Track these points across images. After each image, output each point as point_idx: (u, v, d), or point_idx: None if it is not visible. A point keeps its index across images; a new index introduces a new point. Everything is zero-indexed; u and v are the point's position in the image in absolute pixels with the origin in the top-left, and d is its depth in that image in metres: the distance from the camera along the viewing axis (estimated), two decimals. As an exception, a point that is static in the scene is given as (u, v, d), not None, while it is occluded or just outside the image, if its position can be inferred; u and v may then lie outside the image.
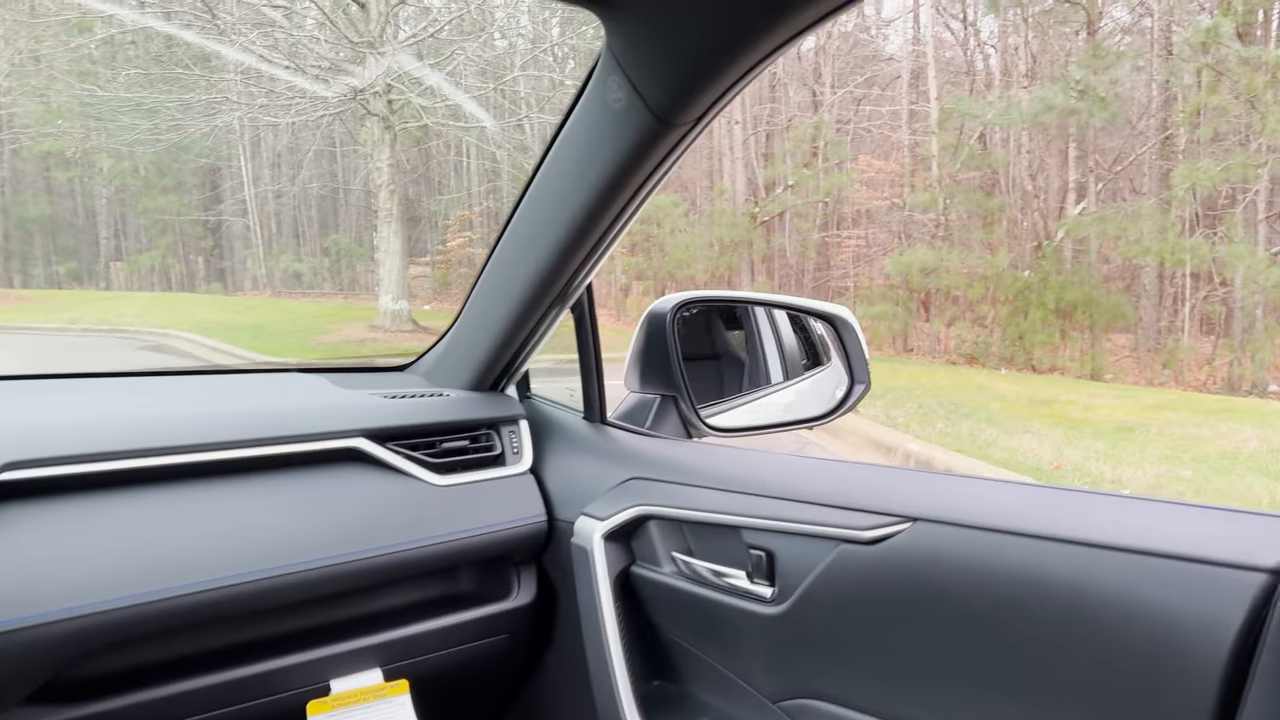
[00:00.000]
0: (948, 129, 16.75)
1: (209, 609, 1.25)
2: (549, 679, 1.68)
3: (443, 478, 1.53)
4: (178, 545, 1.25)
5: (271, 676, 1.34)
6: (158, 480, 1.29)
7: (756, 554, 1.25)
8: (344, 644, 1.41)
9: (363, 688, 1.41)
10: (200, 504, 1.30)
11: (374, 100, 12.20)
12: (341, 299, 19.53)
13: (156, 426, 1.33)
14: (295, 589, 1.32)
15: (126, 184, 19.14)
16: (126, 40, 14.95)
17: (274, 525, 1.33)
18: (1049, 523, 0.97)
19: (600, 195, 1.26)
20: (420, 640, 1.49)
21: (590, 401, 1.64)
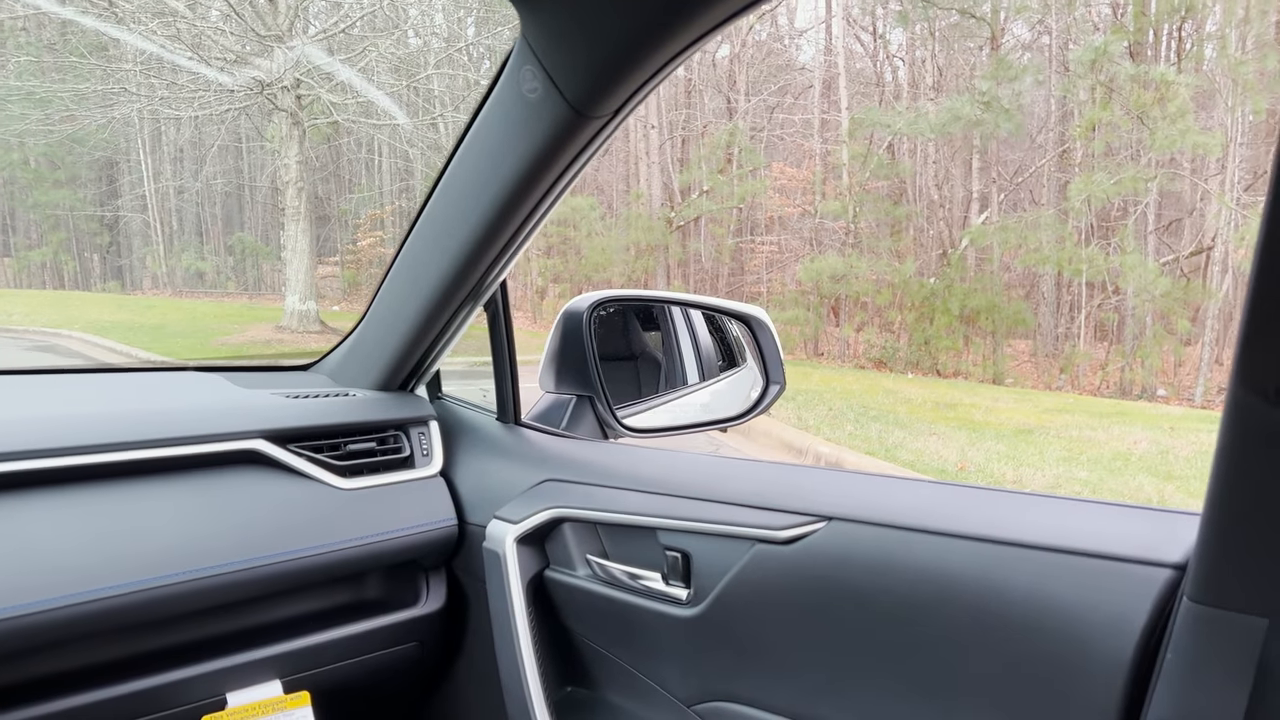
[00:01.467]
0: (858, 138, 17.12)
1: (93, 621, 1.17)
2: (459, 688, 1.64)
3: (348, 481, 1.47)
4: (60, 553, 1.16)
5: (163, 691, 1.27)
6: (39, 484, 1.21)
7: (672, 555, 1.23)
8: (241, 655, 1.34)
9: (260, 700, 1.34)
10: (87, 509, 1.22)
11: (282, 95, 11.88)
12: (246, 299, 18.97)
13: (40, 427, 1.24)
14: (190, 598, 1.25)
15: (15, 176, 18.25)
16: (17, 27, 14.26)
17: (167, 531, 1.26)
18: (958, 520, 0.98)
19: (515, 188, 1.22)
20: (323, 650, 1.42)
21: (504, 402, 1.60)
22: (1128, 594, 0.84)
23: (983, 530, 0.94)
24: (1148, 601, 0.83)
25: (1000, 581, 0.91)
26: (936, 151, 17.13)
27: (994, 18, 15.67)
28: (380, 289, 1.57)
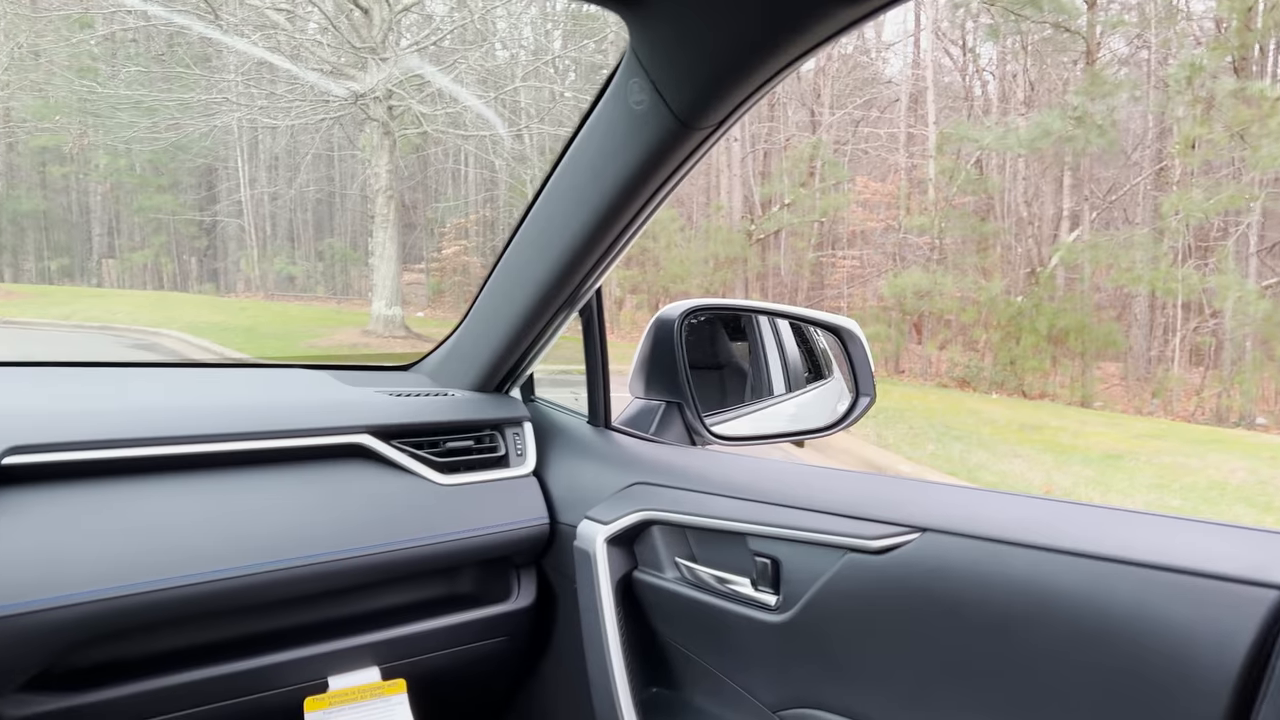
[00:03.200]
0: (945, 153, 16.85)
1: (208, 601, 1.24)
2: (546, 683, 1.67)
3: (446, 477, 1.52)
4: (178, 536, 1.24)
5: (269, 671, 1.33)
6: (160, 470, 1.29)
7: (762, 561, 1.25)
8: (343, 641, 1.40)
9: (360, 685, 1.40)
10: (203, 495, 1.30)
11: (374, 105, 12.21)
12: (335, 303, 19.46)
13: (161, 416, 1.32)
14: (296, 584, 1.32)
15: (122, 181, 19.07)
16: (128, 38, 14.94)
17: (277, 519, 1.33)
18: (1059, 535, 0.97)
19: (616, 198, 1.26)
20: (418, 640, 1.48)
21: (595, 406, 1.64)
22: (1234, 614, 0.83)
23: (1082, 545, 0.94)
24: (1255, 622, 0.82)
25: (1101, 598, 0.90)
26: (1026, 168, 16.74)
27: (1089, 32, 15.27)
28: (481, 293, 1.63)
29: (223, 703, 1.30)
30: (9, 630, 1.09)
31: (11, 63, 15.32)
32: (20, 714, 1.15)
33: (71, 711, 1.20)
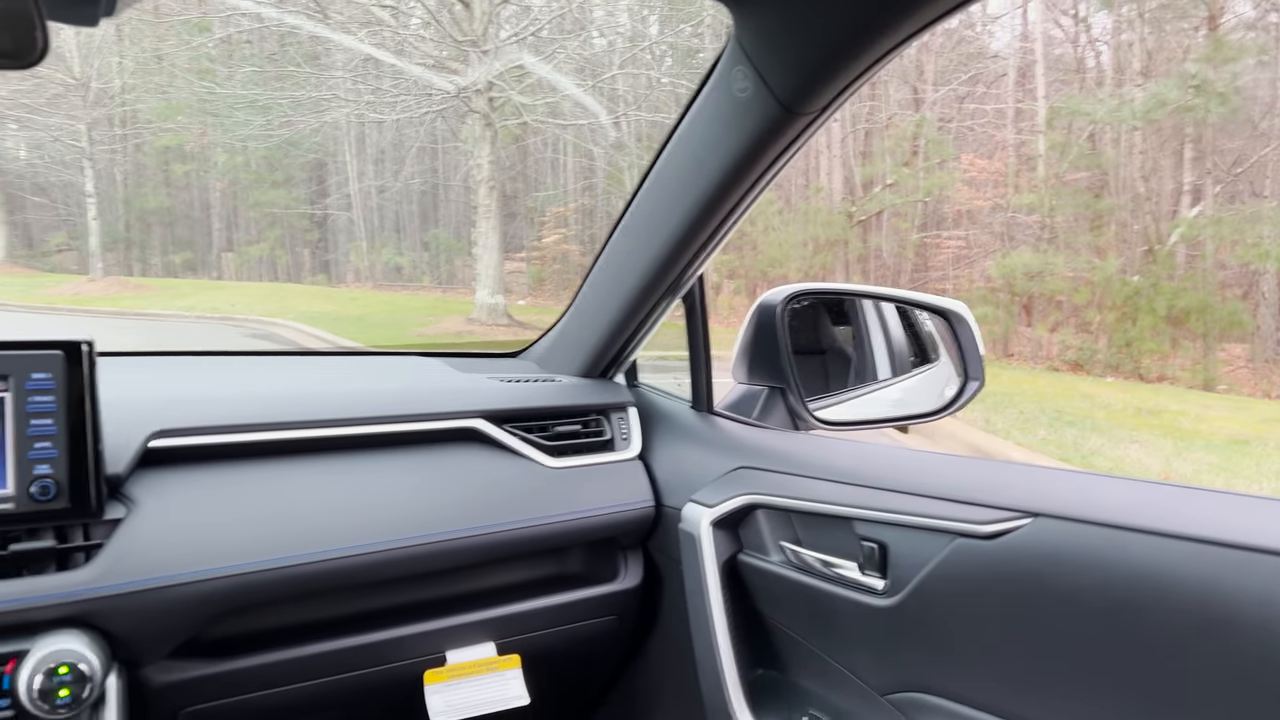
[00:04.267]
0: (1055, 128, 16.21)
1: (335, 577, 1.31)
2: (653, 662, 1.71)
3: (555, 460, 1.57)
4: (308, 515, 1.31)
5: (391, 645, 1.40)
6: (288, 453, 1.37)
7: (869, 546, 1.25)
8: (459, 617, 1.46)
9: (476, 660, 1.46)
10: (328, 477, 1.37)
11: (476, 98, 12.43)
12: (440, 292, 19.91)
13: (289, 402, 1.40)
14: (415, 561, 1.38)
15: (239, 178, 19.88)
16: (243, 40, 15.56)
17: (397, 500, 1.39)
18: (1180, 521, 0.95)
19: (719, 184, 1.27)
20: (531, 617, 1.53)
21: (698, 391, 1.66)
22: None
23: (1206, 531, 0.91)
24: None
25: (1228, 586, 0.88)
26: (1144, 141, 15.98)
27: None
28: (585, 281, 1.66)
29: (348, 673, 1.38)
30: (159, 601, 1.18)
31: (138, 67, 16.14)
32: (167, 679, 1.24)
33: (211, 678, 1.28)
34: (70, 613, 1.12)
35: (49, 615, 1.11)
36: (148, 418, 1.26)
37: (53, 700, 1.07)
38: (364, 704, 1.44)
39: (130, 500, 1.21)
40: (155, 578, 1.17)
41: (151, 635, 1.19)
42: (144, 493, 1.23)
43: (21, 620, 1.09)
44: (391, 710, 1.47)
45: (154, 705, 1.24)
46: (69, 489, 1.14)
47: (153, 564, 1.18)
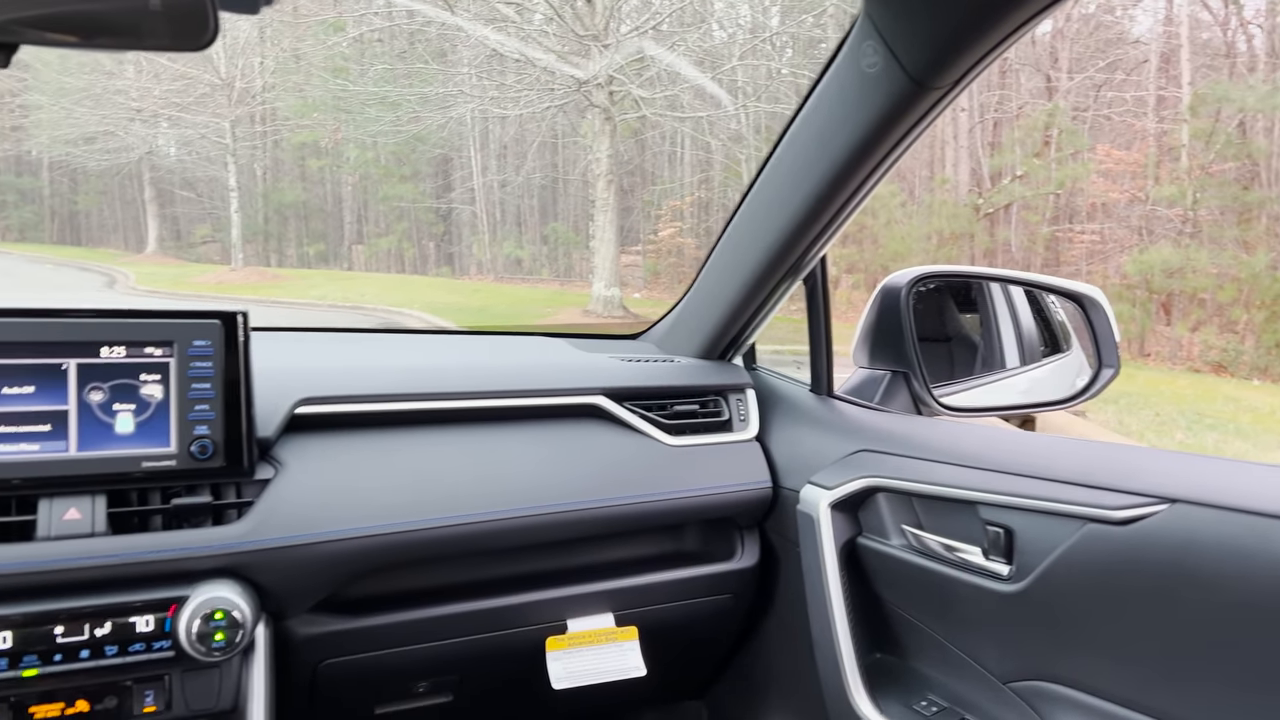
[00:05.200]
0: (1201, 116, 15.33)
1: (465, 541, 1.37)
2: (769, 642, 1.71)
3: (674, 438, 1.59)
4: (441, 481, 1.37)
5: (516, 610, 1.45)
6: (424, 422, 1.43)
7: (994, 530, 1.22)
8: (580, 587, 1.50)
9: (596, 629, 1.50)
10: (460, 446, 1.43)
11: (596, 92, 12.59)
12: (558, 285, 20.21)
13: (425, 375, 1.47)
14: (539, 530, 1.43)
15: (369, 172, 20.61)
16: (374, 38, 16.14)
17: (523, 470, 1.44)
18: None
19: (845, 162, 1.26)
20: (648, 590, 1.56)
21: (818, 374, 1.65)
22: None
23: None
24: None
25: None
26: (1300, 129, 14.96)
27: (1384, -30, 13.41)
28: (706, 263, 1.67)
29: (475, 636, 1.43)
30: (303, 557, 1.25)
31: (277, 67, 16.93)
32: (309, 631, 1.32)
33: (348, 634, 1.36)
34: (224, 564, 1.20)
35: (205, 565, 1.20)
36: (294, 386, 1.34)
37: (209, 643, 1.15)
38: (488, 665, 1.50)
39: (278, 462, 1.29)
40: (300, 535, 1.25)
41: (296, 589, 1.27)
42: (290, 455, 1.31)
43: (182, 569, 1.18)
44: (514, 673, 1.52)
45: (296, 655, 1.32)
46: (224, 449, 1.23)
47: (298, 522, 1.25)
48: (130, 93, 15.59)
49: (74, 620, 1.12)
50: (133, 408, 1.20)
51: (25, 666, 1.10)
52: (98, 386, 1.19)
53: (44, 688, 1.14)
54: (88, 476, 1.17)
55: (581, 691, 1.50)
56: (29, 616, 1.11)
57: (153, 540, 1.18)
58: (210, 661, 1.18)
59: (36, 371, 1.16)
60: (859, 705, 1.37)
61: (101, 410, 1.19)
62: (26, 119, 16.84)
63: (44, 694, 1.15)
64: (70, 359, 1.18)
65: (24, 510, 1.15)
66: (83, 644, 1.13)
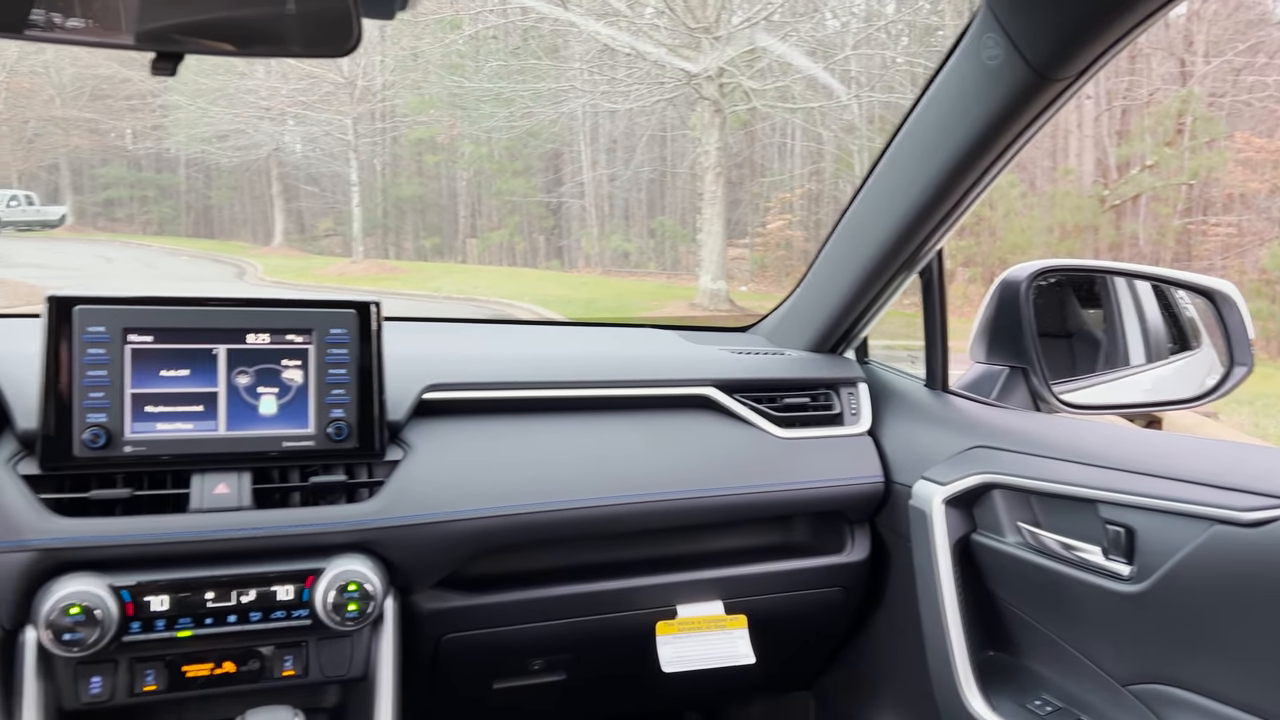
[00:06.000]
0: (1354, 100, 14.33)
1: (580, 525, 1.42)
2: (878, 637, 1.71)
3: (784, 430, 1.60)
4: (558, 466, 1.43)
5: (627, 594, 1.50)
6: (541, 410, 1.49)
7: (1114, 530, 1.20)
8: (690, 574, 1.53)
9: (705, 616, 1.52)
10: (575, 433, 1.48)
11: (706, 84, 12.57)
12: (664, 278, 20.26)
13: (542, 364, 1.52)
14: (650, 517, 1.46)
15: (483, 167, 21.06)
16: (489, 35, 16.47)
17: (635, 458, 1.48)
18: None
19: (964, 155, 1.26)
20: (757, 580, 1.58)
21: (933, 368, 1.64)
22: None
23: None
24: None
25: None
26: None
27: None
28: (818, 257, 1.68)
29: (588, 617, 1.48)
30: (429, 535, 1.32)
31: (397, 65, 17.46)
32: (433, 606, 1.39)
33: (469, 610, 1.42)
34: (357, 539, 1.28)
35: (340, 540, 1.27)
36: (422, 373, 1.41)
37: (343, 613, 1.22)
38: (600, 646, 1.55)
39: (406, 445, 1.37)
40: (426, 514, 1.32)
41: (421, 565, 1.34)
42: (418, 439, 1.38)
43: (319, 543, 1.26)
44: (624, 655, 1.56)
45: (421, 629, 1.40)
46: (358, 431, 1.31)
47: (424, 502, 1.32)
48: (260, 92, 16.32)
49: (223, 587, 1.21)
50: (275, 391, 1.29)
51: (180, 628, 1.20)
52: (244, 370, 1.28)
53: (196, 649, 1.24)
54: (236, 454, 1.27)
55: (690, 677, 1.53)
56: (184, 582, 1.20)
57: (293, 515, 1.27)
58: (343, 631, 1.26)
59: (191, 356, 1.26)
60: (971, 702, 1.36)
61: (247, 393, 1.28)
62: (166, 118, 17.80)
63: (195, 654, 1.24)
64: (220, 345, 1.27)
65: (179, 484, 1.25)
66: (230, 609, 1.22)
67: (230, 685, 1.27)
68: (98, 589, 1.14)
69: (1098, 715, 1.26)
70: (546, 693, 1.61)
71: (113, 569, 1.18)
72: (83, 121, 17.62)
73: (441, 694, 1.52)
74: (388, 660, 1.30)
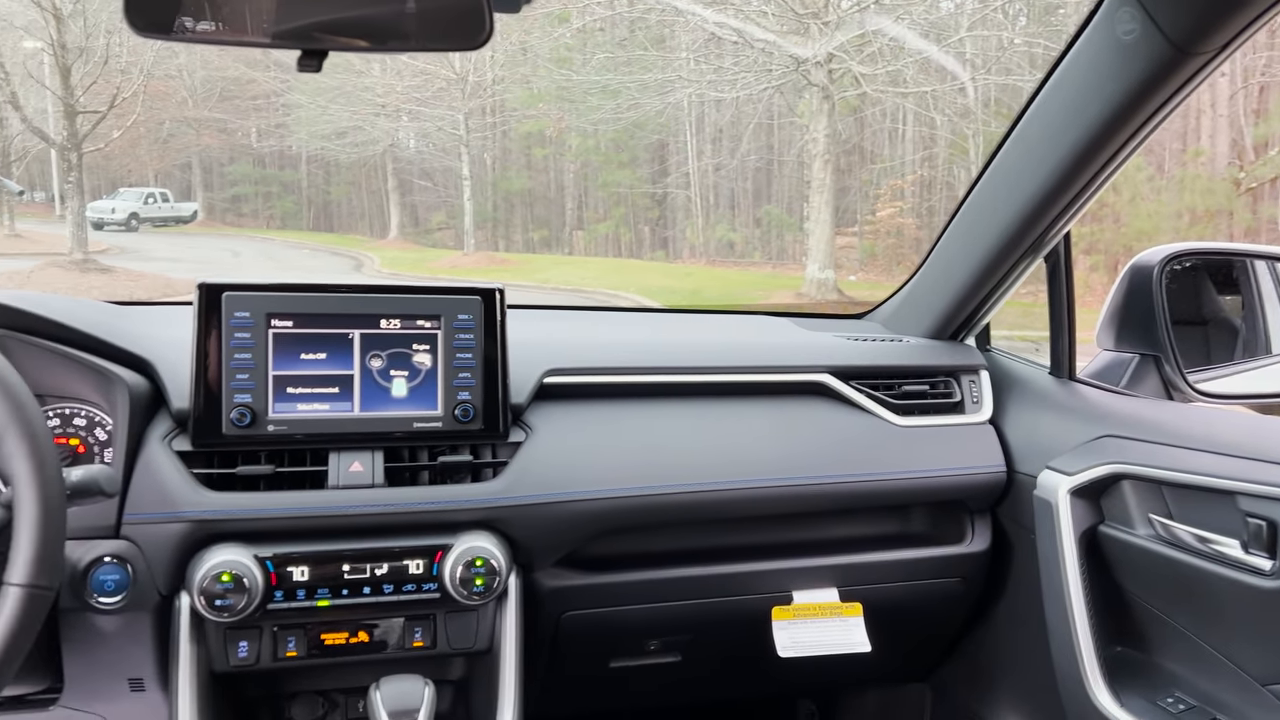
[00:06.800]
0: None
1: (697, 508, 1.44)
2: (999, 629, 1.68)
3: (902, 418, 1.59)
4: (675, 450, 1.45)
5: (742, 578, 1.51)
6: (658, 395, 1.51)
7: (1255, 523, 1.15)
8: (805, 560, 1.53)
9: (821, 603, 1.53)
10: (691, 418, 1.50)
11: (815, 70, 12.40)
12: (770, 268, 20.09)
13: (658, 350, 1.55)
14: (766, 502, 1.47)
15: (590, 160, 21.26)
16: (596, 27, 16.60)
17: (751, 444, 1.49)
18: None
19: (1097, 134, 1.22)
20: (874, 569, 1.57)
21: (1059, 356, 1.60)
22: None
23: None
24: None
25: None
26: None
27: None
28: (939, 240, 1.65)
29: (703, 600, 1.50)
30: (550, 514, 1.36)
31: (506, 60, 17.78)
32: (554, 584, 1.44)
33: (588, 588, 1.46)
34: (482, 517, 1.33)
35: (466, 518, 1.32)
36: (542, 358, 1.45)
37: (470, 587, 1.27)
38: (716, 629, 1.57)
39: (528, 427, 1.41)
40: (548, 494, 1.36)
41: (543, 544, 1.38)
42: (539, 421, 1.42)
43: (447, 520, 1.32)
44: (739, 638, 1.58)
45: (542, 606, 1.44)
46: (483, 413, 1.35)
47: (546, 482, 1.36)
48: (376, 89, 16.84)
49: (358, 560, 1.28)
50: (406, 374, 1.35)
51: (319, 598, 1.27)
52: (377, 354, 1.34)
53: (333, 618, 1.31)
54: (369, 434, 1.33)
55: (805, 664, 1.53)
56: (322, 554, 1.27)
57: (422, 493, 1.33)
58: (470, 605, 1.31)
59: (328, 340, 1.33)
60: (1098, 698, 1.33)
61: (380, 376, 1.34)
62: (289, 117, 18.54)
63: (332, 624, 1.31)
64: (355, 330, 1.34)
65: (317, 462, 1.32)
66: (365, 581, 1.28)
67: (364, 654, 1.33)
68: (245, 559, 1.21)
69: (1235, 715, 1.21)
70: (662, 673, 1.64)
71: (257, 541, 1.25)
72: (212, 121, 18.50)
73: (561, 671, 1.56)
74: (511, 634, 1.35)
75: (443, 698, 1.40)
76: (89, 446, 1.31)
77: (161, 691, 1.31)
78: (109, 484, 1.03)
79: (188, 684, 1.24)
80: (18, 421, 0.89)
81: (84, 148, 12.03)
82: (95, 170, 16.25)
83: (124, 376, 1.27)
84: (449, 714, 1.45)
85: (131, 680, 1.31)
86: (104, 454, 1.30)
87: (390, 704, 1.20)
